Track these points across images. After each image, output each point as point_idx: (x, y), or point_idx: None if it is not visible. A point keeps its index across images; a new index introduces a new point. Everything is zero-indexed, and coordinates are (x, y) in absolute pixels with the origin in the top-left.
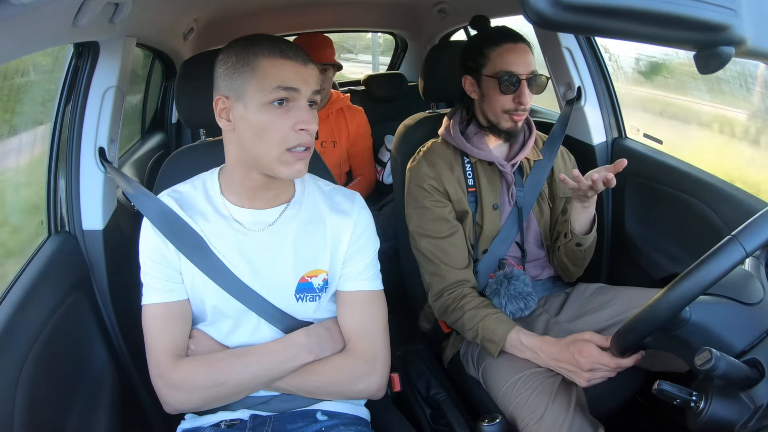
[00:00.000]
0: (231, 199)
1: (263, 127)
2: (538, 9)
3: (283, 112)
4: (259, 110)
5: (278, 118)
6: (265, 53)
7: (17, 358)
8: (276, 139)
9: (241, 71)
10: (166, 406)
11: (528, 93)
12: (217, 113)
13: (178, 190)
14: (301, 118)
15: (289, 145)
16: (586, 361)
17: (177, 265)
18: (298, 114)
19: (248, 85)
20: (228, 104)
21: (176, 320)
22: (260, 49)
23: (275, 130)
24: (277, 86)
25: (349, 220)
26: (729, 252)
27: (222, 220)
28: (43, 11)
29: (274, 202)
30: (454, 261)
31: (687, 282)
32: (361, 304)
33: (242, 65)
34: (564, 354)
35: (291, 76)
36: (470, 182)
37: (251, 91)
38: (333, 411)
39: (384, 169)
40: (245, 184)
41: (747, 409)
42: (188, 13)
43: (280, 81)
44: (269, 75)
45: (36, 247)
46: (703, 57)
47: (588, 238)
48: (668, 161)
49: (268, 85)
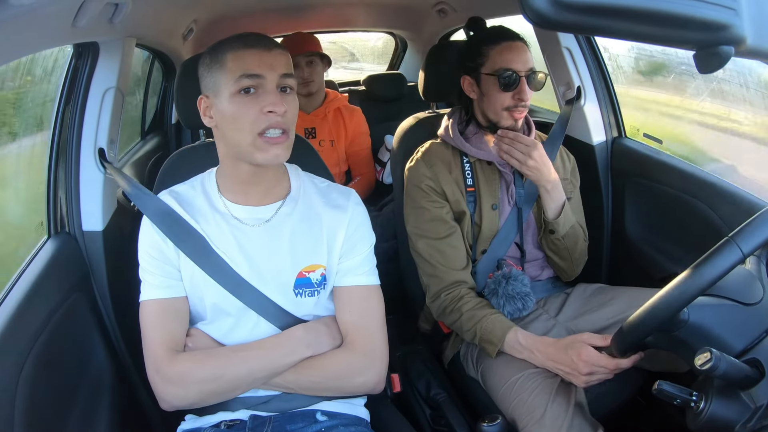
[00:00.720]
0: (228, 197)
1: (234, 115)
2: (538, 9)
3: (251, 99)
4: (229, 101)
5: (246, 105)
6: (231, 47)
7: (17, 359)
8: (246, 125)
9: (214, 69)
10: (162, 402)
11: (527, 90)
12: (201, 112)
13: (177, 191)
14: (268, 100)
15: (260, 129)
16: (584, 365)
17: (176, 262)
18: (265, 98)
19: (220, 81)
20: (208, 102)
21: (174, 316)
22: (227, 44)
23: (245, 116)
24: (240, 75)
25: (345, 216)
26: (726, 254)
27: (221, 218)
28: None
29: (269, 198)
30: (451, 262)
31: (684, 284)
32: (358, 299)
33: (214, 63)
34: (562, 356)
35: (254, 63)
36: (469, 182)
37: (222, 84)
38: (333, 411)
39: (384, 169)
40: (237, 178)
41: (747, 409)
42: (188, 14)
43: (243, 69)
44: (234, 66)
45: (36, 248)
46: (703, 56)
47: (559, 224)
48: (668, 161)
49: (234, 75)
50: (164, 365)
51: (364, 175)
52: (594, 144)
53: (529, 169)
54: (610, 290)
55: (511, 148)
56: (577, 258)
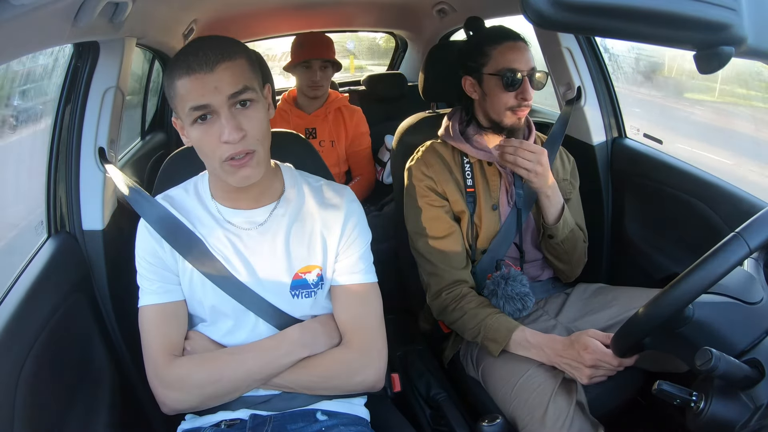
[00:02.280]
0: (221, 202)
1: (197, 144)
2: (538, 9)
3: (207, 127)
4: (190, 129)
5: (205, 133)
6: (178, 72)
7: (17, 359)
8: (209, 153)
9: (171, 96)
10: (163, 406)
11: (530, 89)
12: (180, 132)
13: (171, 195)
14: (221, 131)
15: (222, 158)
16: (590, 357)
17: (173, 266)
18: (218, 127)
19: (178, 108)
20: (180, 123)
21: (172, 320)
22: (176, 68)
23: (205, 145)
24: (189, 108)
25: (339, 214)
26: (733, 248)
27: (215, 222)
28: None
29: (261, 202)
30: (451, 261)
31: (691, 278)
32: (356, 297)
33: (170, 89)
34: (568, 350)
35: (198, 91)
36: (469, 182)
37: (181, 113)
38: (333, 411)
39: (384, 169)
40: (226, 187)
41: (747, 409)
42: (188, 13)
43: (190, 101)
44: (183, 97)
45: (36, 247)
46: (704, 57)
47: (558, 229)
48: (668, 161)
49: (185, 107)
50: (163, 370)
51: (364, 175)
52: (594, 144)
53: (537, 176)
54: (610, 290)
55: (516, 157)
56: (576, 261)
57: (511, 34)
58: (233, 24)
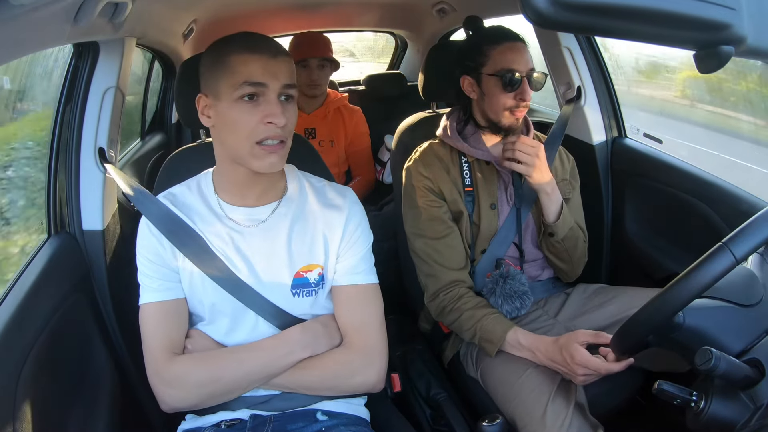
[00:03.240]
0: (224, 198)
1: (235, 121)
2: (538, 9)
3: (252, 107)
4: (230, 106)
5: (247, 113)
6: (235, 49)
7: (18, 359)
8: (245, 132)
9: (216, 69)
10: (162, 404)
11: (529, 90)
12: (200, 110)
13: (173, 192)
14: (269, 111)
15: (258, 138)
16: (577, 368)
17: (174, 264)
18: (266, 107)
19: (221, 83)
20: (208, 102)
21: (172, 318)
22: (232, 46)
23: (245, 124)
24: (243, 82)
25: (342, 215)
26: (718, 259)
27: (217, 220)
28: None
29: (265, 199)
30: (449, 262)
31: (677, 289)
32: (357, 298)
33: (217, 63)
34: (557, 356)
35: (258, 71)
36: (467, 182)
37: (224, 88)
38: (333, 411)
39: (384, 169)
40: (234, 179)
41: (747, 408)
42: (188, 14)
43: (246, 77)
44: (237, 71)
45: (36, 247)
46: (703, 56)
47: (558, 227)
48: (668, 161)
49: (237, 81)
50: (163, 368)
51: (363, 175)
52: (594, 144)
53: (535, 171)
54: (610, 290)
55: (515, 150)
56: (577, 260)
57: (511, 34)
58: (233, 24)
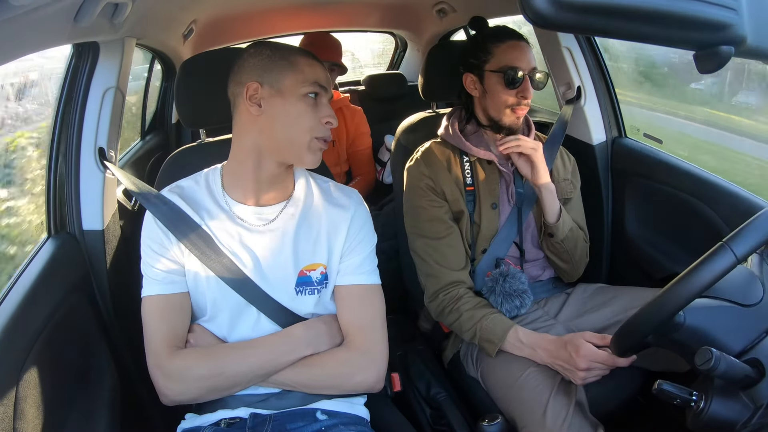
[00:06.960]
0: (233, 196)
1: (300, 114)
2: (538, 9)
3: (314, 105)
4: (297, 100)
5: (311, 109)
6: (302, 53)
7: (18, 358)
8: (307, 126)
9: (278, 63)
10: (163, 397)
11: (530, 88)
12: (246, 97)
13: (181, 185)
14: (328, 113)
15: (317, 135)
16: (582, 360)
17: (179, 258)
18: (325, 110)
19: (285, 77)
20: (261, 91)
21: (176, 312)
22: (295, 49)
23: (309, 118)
24: (314, 81)
25: (347, 215)
26: (720, 259)
27: (225, 216)
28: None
29: (274, 199)
30: (449, 262)
31: (677, 289)
32: (359, 298)
33: (279, 59)
34: (561, 352)
35: (322, 76)
36: (468, 181)
37: (288, 83)
38: (333, 410)
39: (384, 169)
40: (254, 175)
41: (747, 408)
42: (188, 14)
43: (315, 78)
44: (306, 71)
45: (36, 247)
46: (703, 56)
47: (558, 227)
48: (668, 161)
49: (306, 79)
50: (164, 361)
51: (364, 174)
52: (594, 144)
53: (536, 168)
54: (610, 290)
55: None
56: (578, 260)
57: (515, 33)
58: (232, 24)
